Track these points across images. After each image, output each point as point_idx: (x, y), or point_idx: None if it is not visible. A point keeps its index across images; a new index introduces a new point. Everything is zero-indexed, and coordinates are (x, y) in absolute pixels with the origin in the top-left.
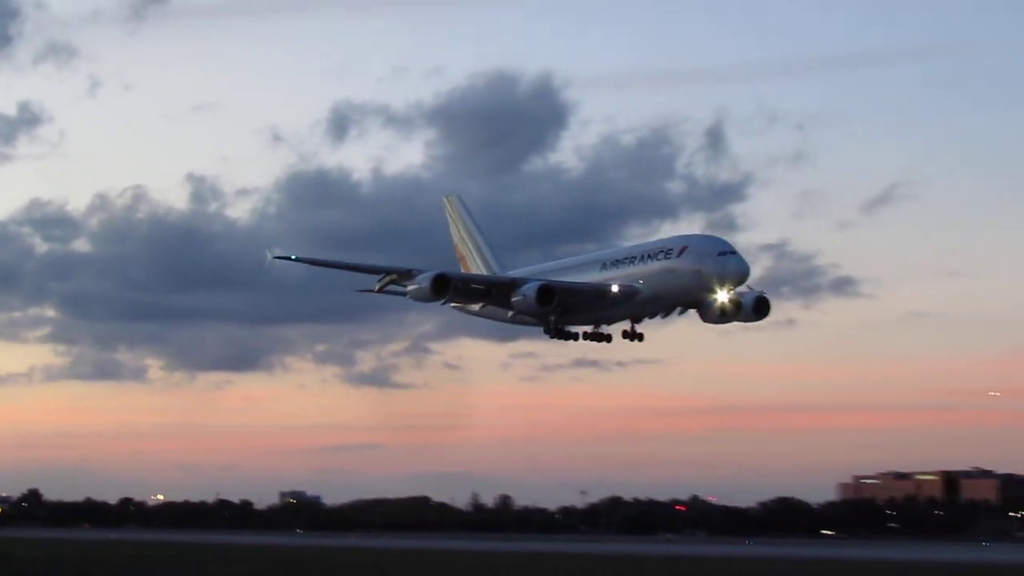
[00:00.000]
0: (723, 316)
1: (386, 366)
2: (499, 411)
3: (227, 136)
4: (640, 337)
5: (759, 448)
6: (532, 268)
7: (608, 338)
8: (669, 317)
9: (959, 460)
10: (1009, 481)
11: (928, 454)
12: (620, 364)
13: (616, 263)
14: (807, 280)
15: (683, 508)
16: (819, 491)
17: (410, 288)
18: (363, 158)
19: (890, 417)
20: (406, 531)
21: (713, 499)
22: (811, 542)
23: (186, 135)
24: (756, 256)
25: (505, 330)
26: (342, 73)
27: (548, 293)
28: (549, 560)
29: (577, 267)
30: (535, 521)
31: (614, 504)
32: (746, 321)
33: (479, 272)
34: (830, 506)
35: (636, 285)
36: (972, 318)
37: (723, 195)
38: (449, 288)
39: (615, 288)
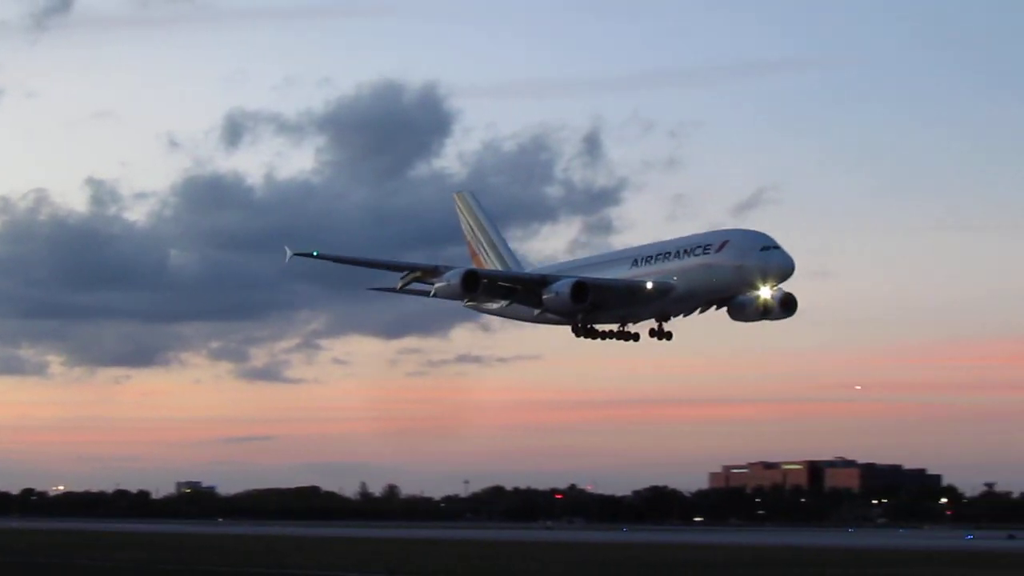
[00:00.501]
0: (758, 314)
1: (278, 362)
2: (387, 404)
3: (126, 142)
4: (668, 336)
5: (635, 439)
6: (557, 265)
7: (636, 337)
8: (689, 315)
9: (823, 450)
10: (870, 470)
11: (794, 445)
12: (502, 360)
13: (649, 259)
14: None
15: (562, 496)
16: (691, 480)
17: (437, 285)
18: (256, 164)
19: (759, 410)
20: (297, 519)
21: (591, 488)
22: (683, 528)
23: (86, 141)
24: None
25: (392, 328)
26: (236, 82)
27: (582, 290)
28: (433, 546)
29: (605, 263)
30: (421, 509)
31: (496, 493)
32: (775, 319)
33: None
34: (701, 494)
35: (671, 281)
36: (836, 316)
37: (599, 199)
38: (479, 285)
39: (649, 285)
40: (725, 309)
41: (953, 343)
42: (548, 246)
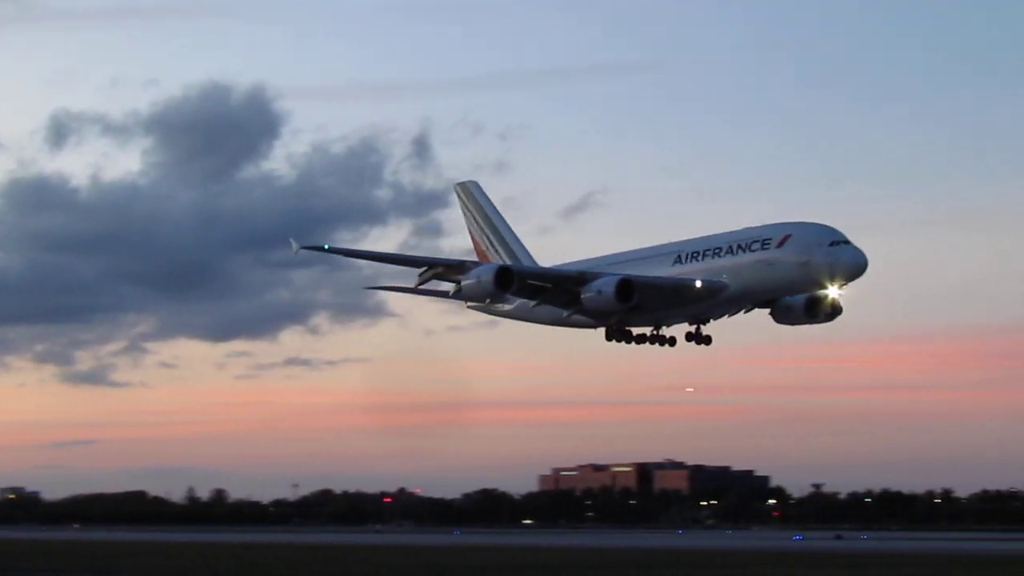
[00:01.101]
0: (806, 316)
1: (104, 365)
2: (215, 407)
3: None
4: (708, 340)
5: (464, 442)
6: (587, 261)
7: (672, 341)
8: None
9: (652, 452)
10: (699, 471)
11: (623, 447)
12: (330, 363)
13: (695, 255)
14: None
15: (391, 500)
16: (521, 483)
17: (465, 283)
18: (82, 165)
19: (588, 412)
20: (124, 524)
21: (420, 491)
22: (513, 531)
23: None
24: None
25: (220, 331)
26: (61, 82)
27: (628, 288)
28: (260, 550)
29: (642, 260)
30: (249, 513)
31: (325, 496)
32: (822, 322)
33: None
34: (531, 497)
35: (722, 280)
36: None
37: (429, 202)
38: (513, 283)
39: (699, 284)
40: (768, 311)
41: (781, 346)
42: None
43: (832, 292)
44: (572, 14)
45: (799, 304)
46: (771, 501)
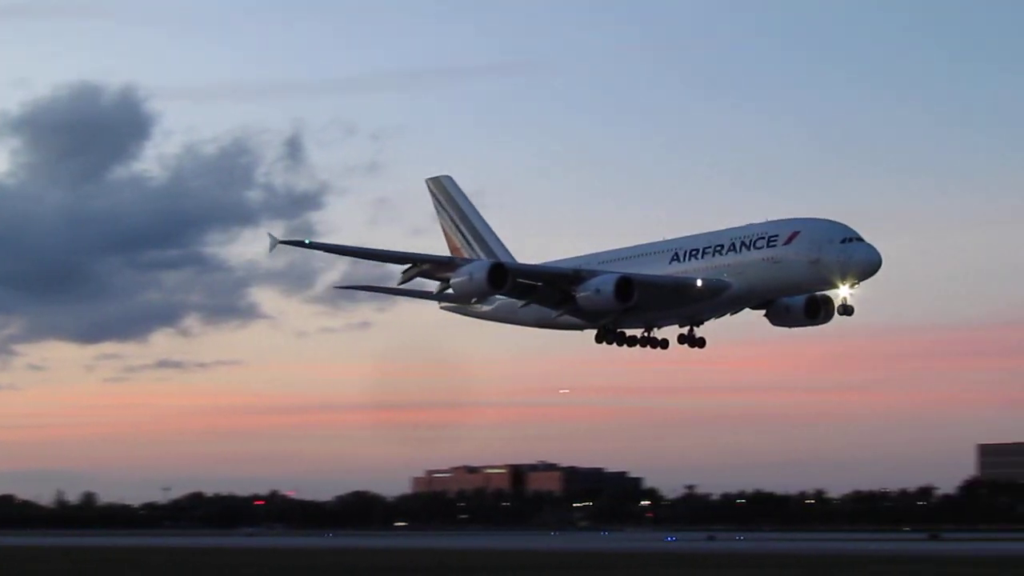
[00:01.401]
0: (804, 318)
1: None
2: (84, 410)
3: None
4: (702, 343)
5: (337, 445)
6: (574, 260)
7: (664, 344)
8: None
9: (526, 454)
10: (572, 473)
11: (497, 449)
12: (202, 365)
13: (694, 253)
14: (383, 283)
15: (263, 503)
16: (394, 485)
17: (455, 281)
18: None
19: (462, 414)
20: None
21: (292, 494)
22: (385, 533)
23: None
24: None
25: (90, 333)
26: None
27: (628, 287)
28: (130, 554)
29: (637, 258)
30: (119, 517)
31: (196, 499)
32: (819, 323)
33: None
34: (404, 499)
35: (724, 279)
36: None
37: (301, 203)
38: (507, 281)
39: (699, 283)
40: (763, 312)
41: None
42: (250, 250)
43: (843, 292)
44: (445, 15)
45: (798, 305)
46: (644, 502)
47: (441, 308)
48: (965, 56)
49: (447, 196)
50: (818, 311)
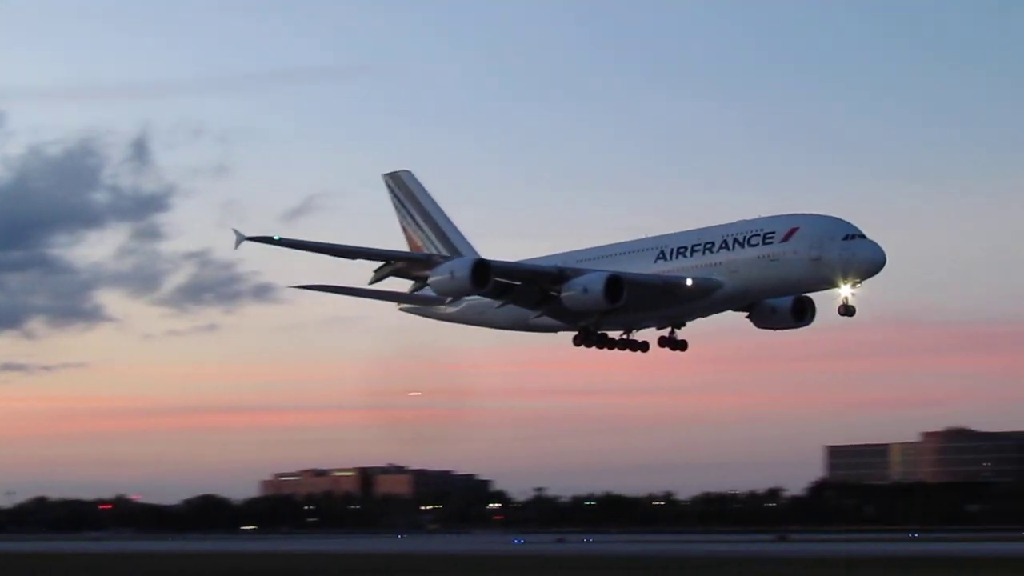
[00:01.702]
0: (790, 319)
1: None
2: None
3: None
4: (683, 345)
5: (184, 448)
6: (550, 258)
7: (645, 346)
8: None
9: (375, 457)
10: (421, 476)
11: (345, 452)
12: (47, 368)
13: (681, 251)
14: (229, 287)
15: (109, 507)
16: (242, 488)
17: (434, 279)
18: None
19: (310, 417)
20: None
21: (138, 498)
22: (233, 537)
23: None
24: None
25: None
26: None
27: (618, 286)
28: None
29: (619, 256)
30: None
31: (40, 504)
32: (801, 326)
33: None
34: (252, 502)
35: (715, 278)
36: (383, 324)
37: (148, 205)
38: (490, 279)
39: (689, 282)
40: (746, 314)
41: (506, 349)
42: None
43: (844, 291)
44: (291, 17)
45: (786, 306)
46: (493, 505)
47: (400, 310)
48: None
49: (407, 192)
50: (805, 312)
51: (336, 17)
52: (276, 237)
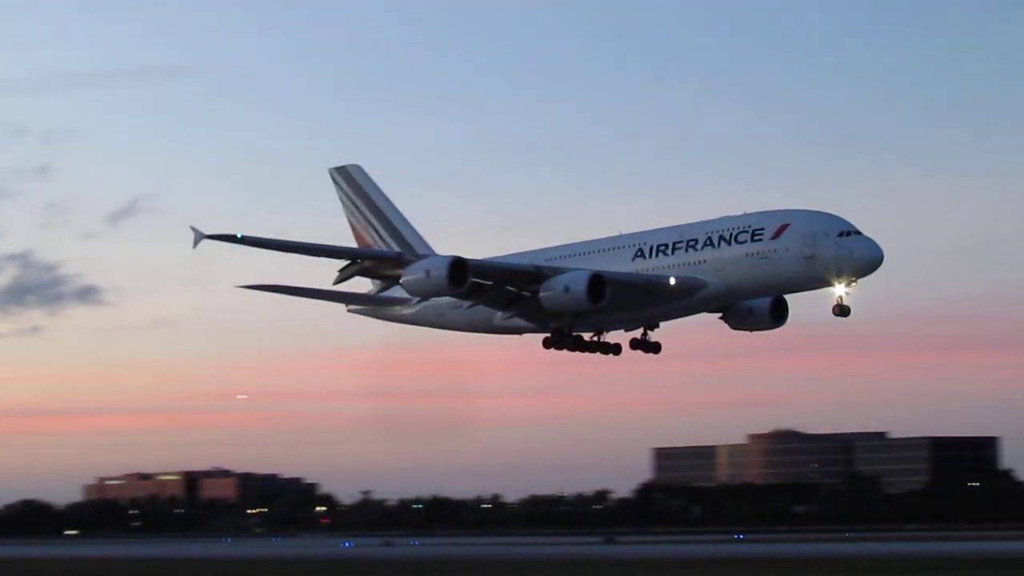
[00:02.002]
0: (779, 318)
1: None
2: None
3: None
4: (656, 347)
5: (4, 452)
6: (515, 256)
7: (617, 349)
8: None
9: (200, 460)
10: (247, 479)
11: (170, 455)
12: None
13: (662, 248)
14: (52, 289)
15: None
16: (64, 493)
17: (408, 279)
18: None
19: (134, 420)
20: None
21: None
22: (55, 542)
23: None
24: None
25: None
26: None
27: (600, 286)
28: None
29: (592, 254)
30: None
31: None
32: (772, 328)
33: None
34: (75, 507)
35: (699, 277)
36: (212, 324)
37: None
38: (467, 278)
39: (673, 281)
40: (720, 315)
41: (333, 351)
42: None
43: (838, 290)
44: (115, 16)
45: (764, 307)
46: (320, 508)
47: (349, 311)
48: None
49: (356, 187)
50: (783, 313)
51: (158, 16)
52: (239, 235)
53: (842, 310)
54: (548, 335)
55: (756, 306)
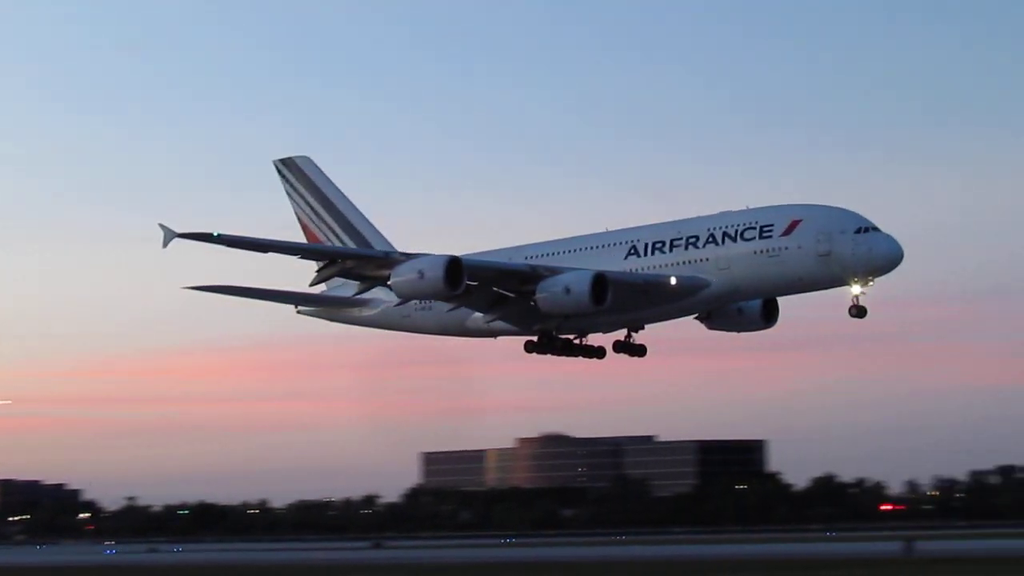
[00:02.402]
0: (770, 319)
1: None
2: None
3: None
4: (641, 351)
5: None
6: (489, 254)
7: (601, 352)
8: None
9: None
10: (7, 486)
11: None
12: None
13: (659, 246)
14: None
15: None
16: None
17: (399, 280)
18: None
19: None
20: None
21: None
22: None
23: None
24: None
25: None
26: None
27: (603, 286)
28: None
29: (579, 252)
30: None
31: None
32: (764, 328)
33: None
34: None
35: (701, 276)
36: None
37: None
38: (463, 279)
39: (673, 281)
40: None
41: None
42: None
43: (855, 290)
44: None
45: (754, 307)
46: (84, 515)
47: (298, 312)
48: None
49: (305, 180)
50: (774, 312)
51: None
52: (216, 234)
53: (859, 311)
54: (532, 339)
55: (747, 306)
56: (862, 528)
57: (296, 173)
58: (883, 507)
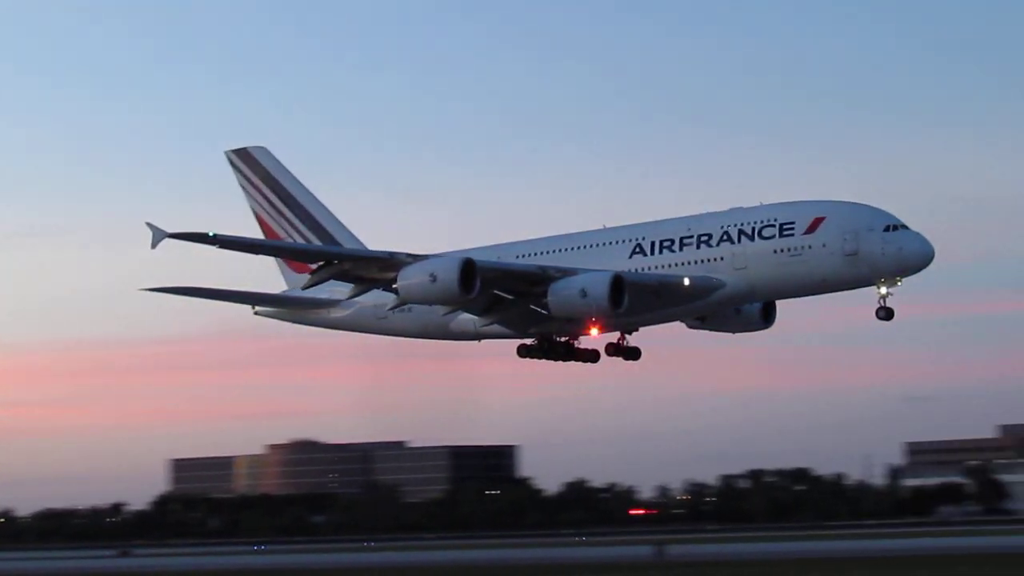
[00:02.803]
0: (769, 319)
1: None
2: None
3: None
4: (636, 354)
5: None
6: (476, 251)
7: (594, 356)
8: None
9: None
10: None
11: None
12: None
13: (667, 244)
14: None
15: None
16: None
17: (407, 283)
18: None
19: None
20: None
21: None
22: None
23: None
24: None
25: None
26: None
27: (621, 289)
28: None
29: (578, 250)
30: None
31: None
32: (760, 330)
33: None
34: None
35: (716, 277)
36: None
37: None
38: (476, 282)
39: (687, 282)
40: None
41: None
42: None
43: (882, 290)
44: None
45: (753, 308)
46: None
47: (256, 313)
48: None
49: (260, 171)
50: (772, 312)
51: None
52: (212, 234)
53: (887, 313)
54: (529, 342)
55: (746, 307)
56: (613, 532)
57: (251, 165)
58: (634, 511)
